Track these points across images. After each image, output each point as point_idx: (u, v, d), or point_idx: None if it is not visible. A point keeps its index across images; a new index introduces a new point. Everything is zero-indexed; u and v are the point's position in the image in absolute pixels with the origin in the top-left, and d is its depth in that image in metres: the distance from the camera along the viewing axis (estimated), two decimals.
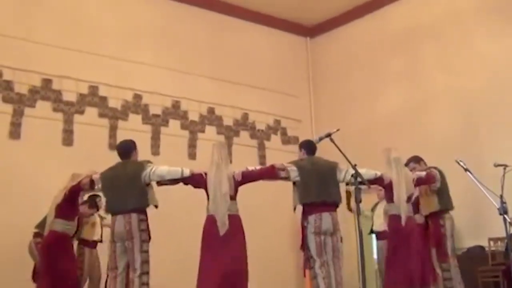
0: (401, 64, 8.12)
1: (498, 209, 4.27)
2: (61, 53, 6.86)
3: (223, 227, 4.36)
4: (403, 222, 4.90)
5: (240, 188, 4.63)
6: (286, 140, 8.83)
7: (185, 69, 7.88)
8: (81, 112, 6.97)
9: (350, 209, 6.29)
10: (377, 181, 5.02)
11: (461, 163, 4.57)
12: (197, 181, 4.55)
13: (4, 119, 6.40)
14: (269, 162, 8.21)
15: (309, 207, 4.60)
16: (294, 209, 4.77)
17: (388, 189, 5.06)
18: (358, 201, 3.87)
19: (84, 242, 5.93)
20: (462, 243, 6.79)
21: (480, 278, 6.15)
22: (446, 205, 5.46)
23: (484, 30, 7.22)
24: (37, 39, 6.71)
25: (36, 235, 5.52)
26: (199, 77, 8.00)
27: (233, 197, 4.52)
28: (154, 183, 4.62)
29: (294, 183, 4.72)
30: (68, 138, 6.78)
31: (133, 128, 7.22)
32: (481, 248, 6.59)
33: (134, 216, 4.43)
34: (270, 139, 8.65)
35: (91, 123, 6.96)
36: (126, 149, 4.71)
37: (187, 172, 4.54)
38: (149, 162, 4.63)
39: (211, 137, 7.93)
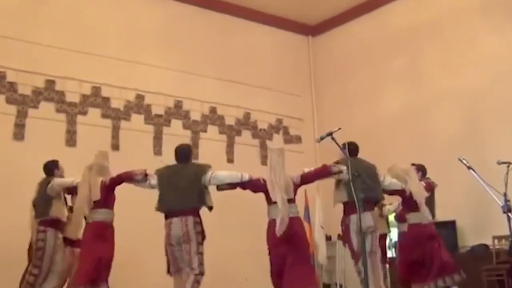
0: (404, 63, 8.10)
1: (501, 207, 4.27)
2: (64, 54, 6.87)
3: (283, 225, 4.49)
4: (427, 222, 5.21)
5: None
6: (288, 139, 8.83)
7: (187, 69, 7.88)
8: (84, 113, 6.99)
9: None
10: (399, 192, 5.28)
11: (464, 161, 4.57)
12: (256, 185, 4.73)
13: (8, 120, 6.42)
14: None
15: (353, 206, 4.64)
16: (334, 205, 5.02)
17: (408, 200, 5.25)
18: (360, 201, 3.96)
19: (67, 241, 5.47)
20: (466, 242, 6.80)
21: (484, 276, 6.13)
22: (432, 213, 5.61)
23: (486, 29, 7.20)
24: (40, 41, 6.72)
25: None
26: (201, 77, 8.00)
27: (293, 200, 4.68)
28: (213, 187, 4.77)
29: (337, 181, 4.91)
30: (71, 139, 6.80)
31: (135, 128, 7.25)
32: (485, 246, 6.57)
33: (190, 219, 4.58)
34: (272, 139, 8.64)
35: (94, 124, 6.98)
36: (186, 153, 4.88)
37: (246, 177, 4.74)
38: (209, 166, 4.79)
39: (213, 136, 7.97)
